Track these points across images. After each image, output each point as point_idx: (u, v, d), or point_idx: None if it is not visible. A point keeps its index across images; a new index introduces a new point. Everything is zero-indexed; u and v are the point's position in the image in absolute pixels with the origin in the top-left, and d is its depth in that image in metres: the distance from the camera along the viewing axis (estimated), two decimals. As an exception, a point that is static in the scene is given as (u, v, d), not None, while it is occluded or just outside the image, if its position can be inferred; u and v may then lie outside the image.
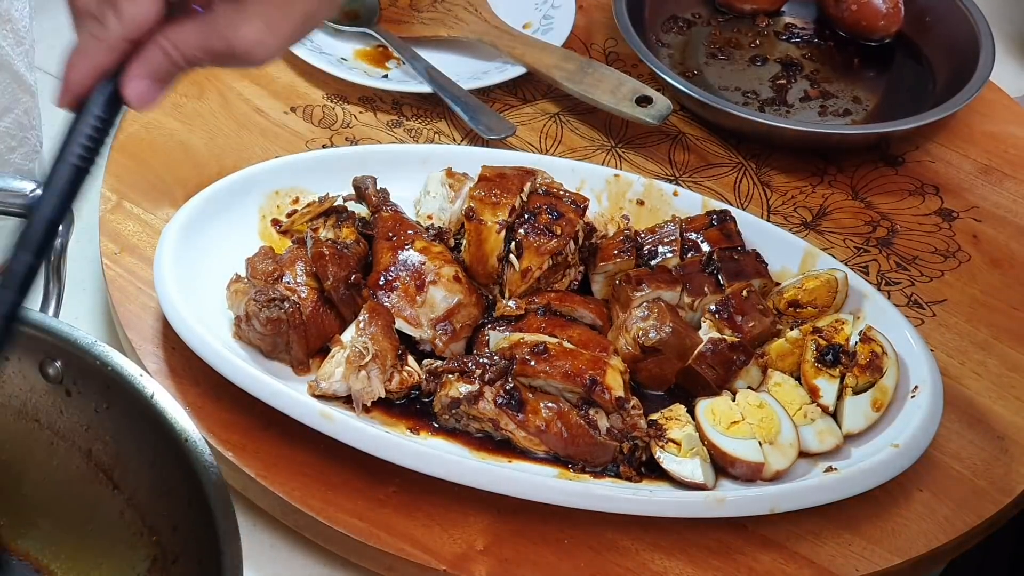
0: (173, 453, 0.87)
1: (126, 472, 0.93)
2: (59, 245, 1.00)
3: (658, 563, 1.06)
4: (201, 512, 0.84)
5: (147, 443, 0.90)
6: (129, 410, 0.90)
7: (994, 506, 1.12)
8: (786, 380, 1.14)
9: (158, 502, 0.91)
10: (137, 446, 0.91)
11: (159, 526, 0.91)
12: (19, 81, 1.19)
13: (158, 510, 0.91)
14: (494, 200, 1.20)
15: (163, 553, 0.91)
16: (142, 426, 0.90)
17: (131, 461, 0.92)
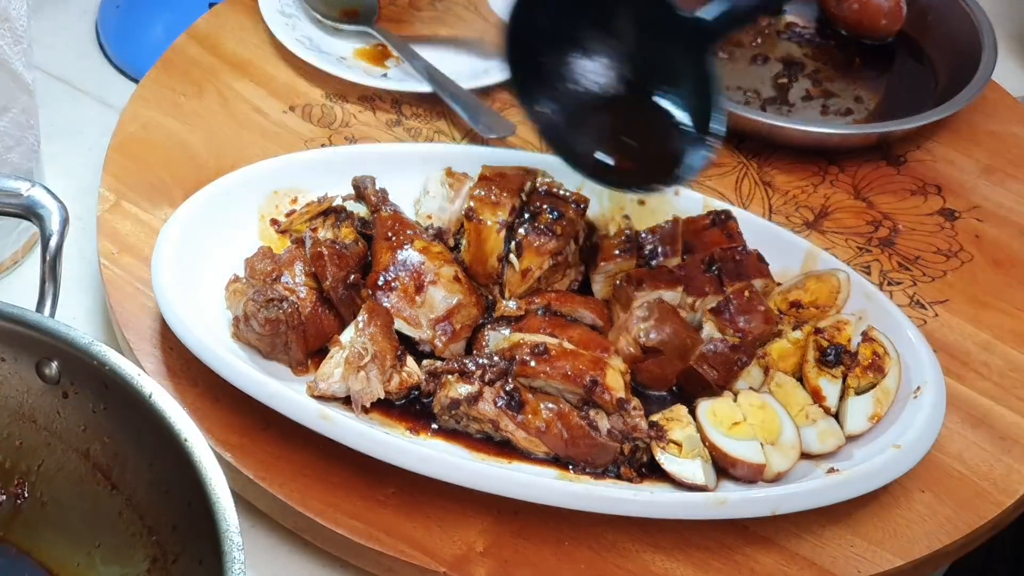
0: (172, 453, 0.87)
1: (124, 472, 0.92)
2: (55, 245, 1.00)
3: (659, 564, 1.05)
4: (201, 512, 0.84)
5: (146, 443, 0.90)
6: (127, 410, 0.90)
7: (996, 507, 1.11)
8: (788, 381, 1.14)
9: (157, 502, 0.91)
10: (135, 446, 0.91)
11: (158, 526, 0.91)
12: (17, 80, 1.19)
13: (157, 510, 0.91)
14: (494, 200, 1.19)
15: (163, 553, 0.91)
16: (140, 426, 0.89)
17: (129, 461, 0.92)
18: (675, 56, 1.13)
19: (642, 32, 1.14)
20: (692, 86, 1.13)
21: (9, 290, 1.26)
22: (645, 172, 1.15)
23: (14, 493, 0.96)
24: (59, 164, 1.37)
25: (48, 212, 1.01)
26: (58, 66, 1.51)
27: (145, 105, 1.39)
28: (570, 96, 1.16)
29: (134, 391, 0.89)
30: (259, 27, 1.49)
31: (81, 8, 1.59)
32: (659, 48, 1.14)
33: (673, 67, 1.14)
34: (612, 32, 1.15)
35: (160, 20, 1.54)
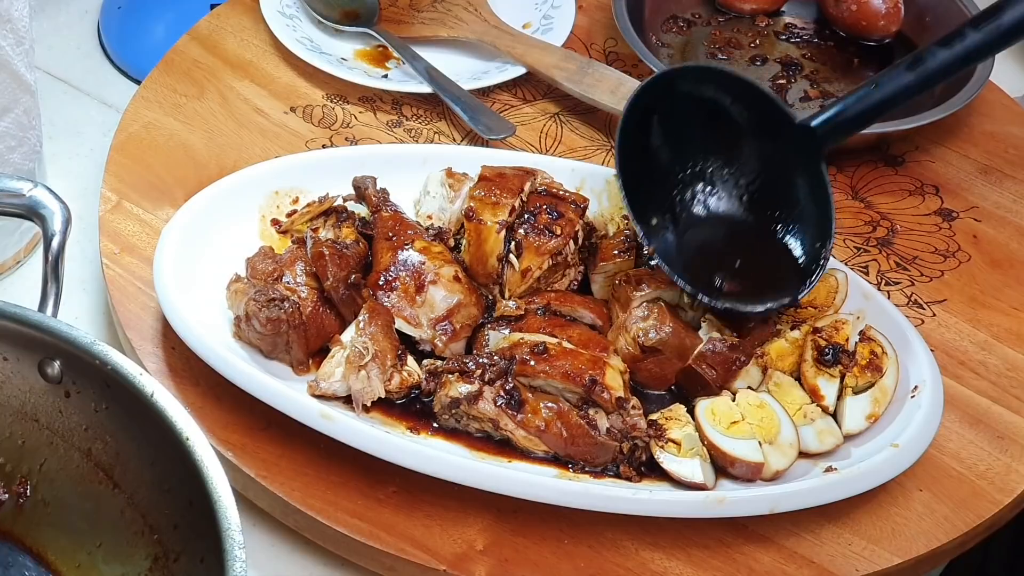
0: (173, 452, 0.87)
1: (126, 471, 0.93)
2: (57, 245, 1.00)
3: (658, 563, 1.06)
4: (202, 510, 0.84)
5: (147, 442, 0.90)
6: (129, 409, 0.90)
7: (994, 506, 1.12)
8: (786, 380, 1.14)
9: (159, 501, 0.91)
10: (137, 445, 0.91)
11: (160, 525, 0.91)
12: (19, 81, 1.19)
13: (159, 509, 0.91)
14: (494, 200, 1.20)
15: (164, 552, 0.91)
16: (142, 425, 0.89)
17: (131, 460, 0.92)
18: (789, 169, 1.13)
19: (754, 151, 1.14)
20: (808, 197, 1.12)
21: (11, 290, 1.26)
22: (759, 292, 1.13)
23: (16, 492, 0.97)
24: (61, 164, 1.38)
25: (50, 212, 1.01)
26: (60, 67, 1.51)
27: (146, 105, 1.39)
28: (683, 215, 1.14)
29: (136, 390, 0.89)
30: (260, 28, 1.49)
31: (83, 9, 1.59)
32: (771, 162, 1.13)
33: (788, 179, 1.13)
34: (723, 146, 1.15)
35: (161, 21, 1.55)
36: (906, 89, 1.11)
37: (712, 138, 1.15)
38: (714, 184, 1.15)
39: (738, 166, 1.15)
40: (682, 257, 1.14)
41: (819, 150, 1.12)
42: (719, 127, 1.15)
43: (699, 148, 1.15)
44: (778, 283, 1.13)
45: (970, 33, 1.08)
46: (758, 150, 1.15)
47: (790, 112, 1.13)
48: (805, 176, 1.13)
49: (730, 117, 1.15)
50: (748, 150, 1.15)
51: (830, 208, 1.12)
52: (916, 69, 1.09)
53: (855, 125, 1.13)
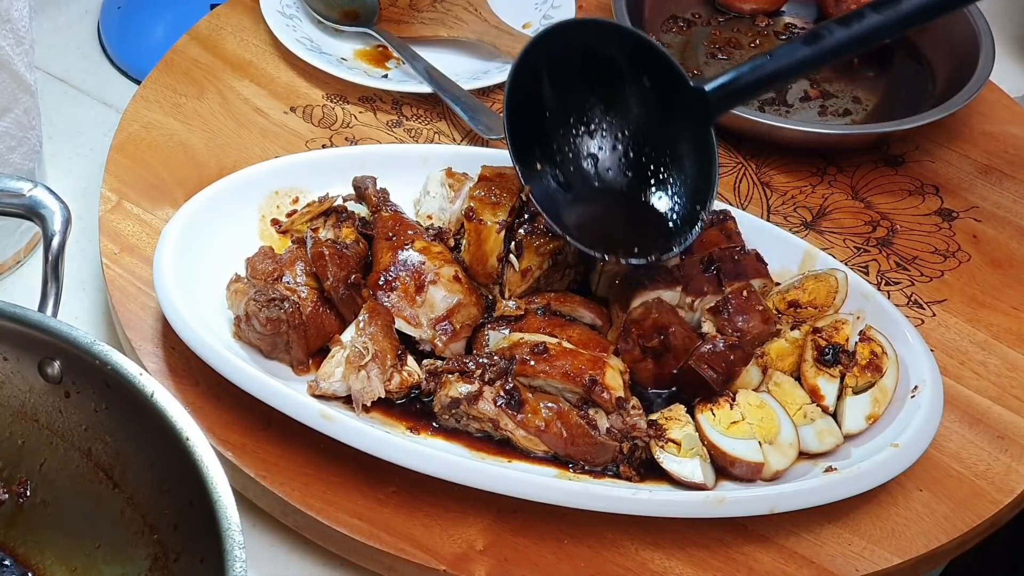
0: (173, 452, 0.87)
1: (126, 471, 0.93)
2: (57, 245, 1.00)
3: (658, 563, 1.06)
4: (202, 510, 0.84)
5: (147, 442, 0.90)
6: (129, 409, 0.90)
7: (994, 506, 1.12)
8: (786, 380, 1.14)
9: (159, 501, 0.91)
10: (137, 445, 0.91)
11: (160, 525, 0.91)
12: (19, 81, 1.19)
13: (159, 509, 0.91)
14: (494, 200, 1.20)
15: (164, 552, 0.91)
16: (142, 425, 0.89)
17: (131, 460, 0.92)
18: (677, 130, 1.14)
19: (644, 107, 1.15)
20: (692, 159, 1.14)
21: (11, 290, 1.26)
22: (635, 244, 1.14)
23: (16, 492, 0.97)
24: (61, 164, 1.38)
25: (50, 212, 1.01)
26: (60, 67, 1.51)
27: (146, 105, 1.39)
28: (566, 167, 1.16)
29: (136, 390, 0.89)
30: (260, 28, 1.49)
31: (82, 9, 1.59)
32: (660, 122, 1.15)
33: (673, 142, 1.15)
34: (614, 102, 1.16)
35: (161, 21, 1.55)
36: (801, 63, 1.12)
37: (606, 93, 1.16)
38: (603, 138, 1.16)
39: (628, 123, 1.17)
40: (561, 205, 1.15)
41: (710, 115, 1.14)
42: (614, 83, 1.16)
43: (592, 102, 1.16)
44: (653, 239, 1.15)
45: (869, 14, 1.09)
46: (650, 109, 1.16)
47: (685, 75, 1.14)
48: (694, 139, 1.15)
49: (625, 74, 1.15)
50: (640, 108, 1.16)
51: (714, 172, 1.14)
52: (813, 44, 1.10)
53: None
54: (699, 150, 1.14)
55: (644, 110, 1.16)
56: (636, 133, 1.16)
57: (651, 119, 1.16)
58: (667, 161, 1.15)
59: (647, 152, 1.16)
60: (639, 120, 1.16)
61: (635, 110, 1.16)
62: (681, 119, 1.14)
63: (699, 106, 1.13)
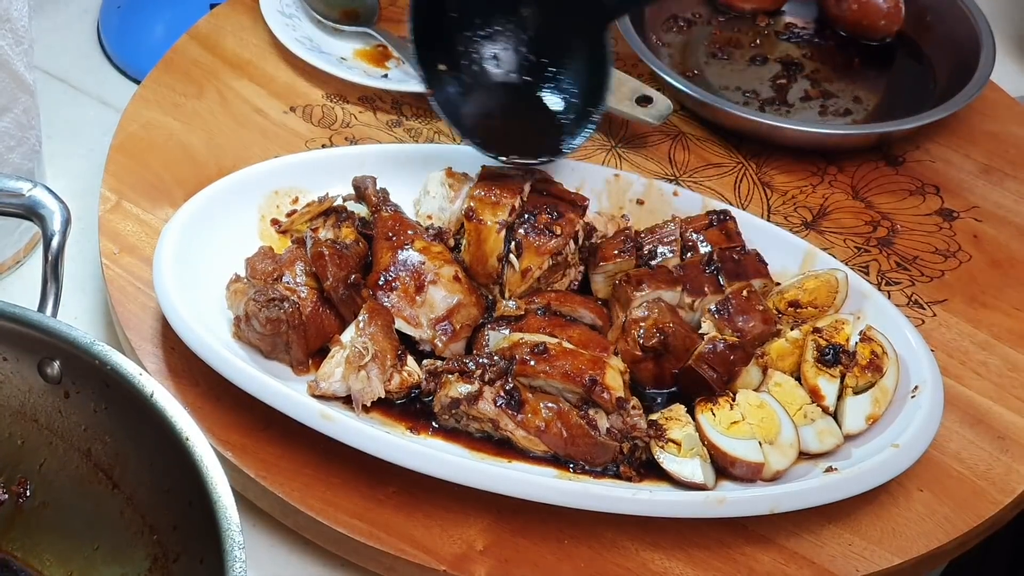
0: (173, 452, 0.87)
1: (126, 471, 0.92)
2: (57, 245, 1.00)
3: (658, 563, 1.05)
4: (202, 511, 0.84)
5: (147, 442, 0.90)
6: (128, 409, 0.90)
7: (994, 506, 1.12)
8: (786, 380, 1.14)
9: (158, 501, 0.91)
10: (136, 445, 0.91)
11: (159, 525, 0.91)
12: (18, 81, 1.19)
13: (158, 509, 0.91)
14: (494, 200, 1.20)
15: (164, 552, 0.91)
16: (141, 425, 0.89)
17: (131, 460, 0.92)
18: (574, 34, 1.18)
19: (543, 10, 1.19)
20: (587, 63, 1.18)
21: (11, 290, 1.26)
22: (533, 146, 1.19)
23: (16, 492, 0.97)
24: (60, 164, 1.38)
25: (50, 212, 1.01)
26: (59, 66, 1.51)
27: (146, 105, 1.39)
28: (468, 70, 1.20)
29: (135, 391, 0.89)
30: (260, 28, 1.49)
31: (82, 8, 1.59)
32: (559, 26, 1.19)
33: (570, 45, 1.19)
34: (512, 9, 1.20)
35: (161, 20, 1.55)
36: None
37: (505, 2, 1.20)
38: (504, 42, 1.20)
39: (529, 27, 1.20)
40: (462, 108, 1.20)
41: (606, 19, 1.18)
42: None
43: (491, 5, 1.20)
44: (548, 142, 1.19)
45: None
46: (550, 13, 1.19)
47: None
48: (588, 43, 1.19)
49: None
50: (540, 12, 1.20)
51: (607, 76, 1.19)
52: None
53: None
54: (596, 54, 1.18)
55: (544, 14, 1.19)
56: (536, 37, 1.20)
57: (551, 23, 1.19)
58: (565, 65, 1.20)
59: (546, 56, 1.20)
60: (539, 24, 1.20)
61: (536, 14, 1.19)
62: (580, 24, 1.18)
63: (597, 11, 1.17)
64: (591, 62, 1.19)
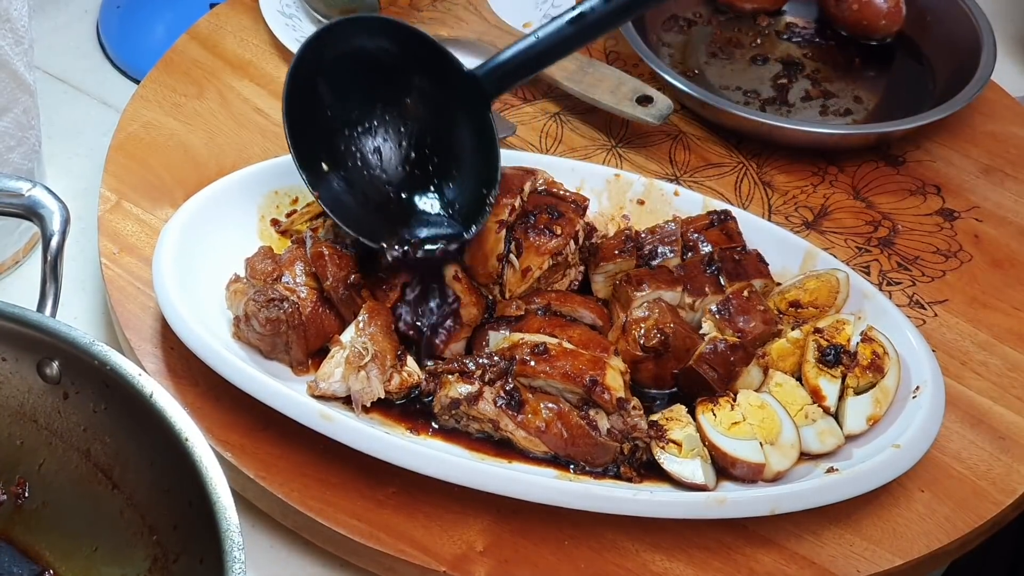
0: (173, 452, 0.87)
1: (126, 471, 0.92)
2: (56, 245, 1.00)
3: (658, 564, 1.05)
4: (202, 511, 0.84)
5: (146, 442, 0.90)
6: (128, 409, 0.90)
7: (995, 507, 1.11)
8: (787, 380, 1.14)
9: (158, 501, 0.91)
10: (136, 445, 0.91)
11: (159, 525, 0.91)
12: (18, 81, 1.19)
13: (158, 509, 0.91)
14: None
15: (164, 552, 0.91)
16: (141, 425, 0.89)
17: (130, 460, 0.92)
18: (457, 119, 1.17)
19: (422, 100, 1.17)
20: (475, 145, 1.16)
21: (10, 290, 1.26)
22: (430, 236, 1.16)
23: (15, 493, 0.97)
24: (60, 164, 1.38)
25: (49, 212, 1.01)
26: (59, 66, 1.51)
27: (146, 105, 1.39)
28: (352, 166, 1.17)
29: (135, 391, 0.89)
30: (260, 27, 1.49)
31: (82, 8, 1.59)
32: (440, 113, 1.17)
33: (454, 131, 1.17)
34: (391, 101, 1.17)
35: (161, 20, 1.54)
36: (566, 42, 1.16)
37: (383, 90, 1.18)
38: (385, 135, 1.18)
39: (408, 117, 1.19)
40: (351, 206, 1.16)
41: (486, 100, 1.16)
42: (390, 78, 1.17)
43: (371, 100, 1.18)
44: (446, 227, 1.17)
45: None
46: (428, 101, 1.18)
47: (458, 63, 1.16)
48: (473, 126, 1.17)
49: (400, 68, 1.17)
50: (418, 101, 1.18)
51: (495, 156, 1.16)
52: (576, 24, 1.14)
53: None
54: (480, 136, 1.17)
55: (422, 102, 1.18)
56: (417, 126, 1.18)
57: (430, 111, 1.18)
58: (450, 150, 1.18)
59: (429, 143, 1.18)
60: (418, 113, 1.18)
61: (413, 103, 1.18)
62: (460, 107, 1.17)
63: (475, 92, 1.15)
64: (478, 144, 1.17)
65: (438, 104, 1.17)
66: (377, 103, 1.17)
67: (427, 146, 1.18)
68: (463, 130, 1.17)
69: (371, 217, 1.16)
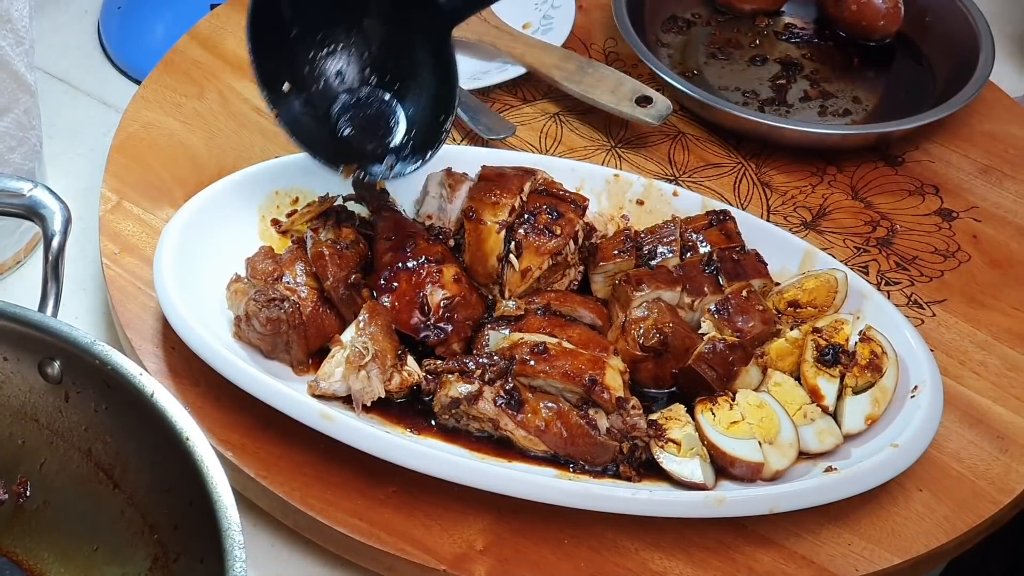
0: (173, 452, 0.87)
1: (126, 471, 0.93)
2: (57, 245, 1.00)
3: (658, 563, 1.06)
4: (202, 510, 0.84)
5: (147, 442, 0.90)
6: (129, 409, 0.90)
7: (994, 506, 1.12)
8: (786, 380, 1.14)
9: (159, 501, 0.91)
10: (137, 445, 0.91)
11: (160, 525, 0.91)
12: (19, 81, 1.19)
13: (159, 509, 0.91)
14: (494, 200, 1.20)
15: (164, 552, 0.91)
16: (142, 425, 0.90)
17: (131, 460, 0.92)
18: (417, 44, 1.16)
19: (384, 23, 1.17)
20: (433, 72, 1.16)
21: (11, 290, 1.26)
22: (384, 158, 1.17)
23: (16, 492, 0.97)
24: (61, 164, 1.38)
25: (50, 212, 1.01)
26: (59, 67, 1.51)
27: (146, 105, 1.39)
28: (313, 87, 1.17)
29: (136, 390, 0.89)
30: (260, 28, 1.49)
31: (82, 9, 1.59)
32: (402, 37, 1.16)
33: (415, 56, 1.16)
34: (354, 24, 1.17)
35: (161, 21, 1.55)
36: None
37: (348, 10, 1.17)
38: (348, 56, 1.18)
39: (371, 39, 1.18)
40: (310, 126, 1.17)
41: (447, 26, 1.15)
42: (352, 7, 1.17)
43: (333, 19, 1.17)
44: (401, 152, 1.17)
45: None
46: (391, 24, 1.17)
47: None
48: (432, 50, 1.16)
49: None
50: (382, 24, 1.17)
51: (454, 83, 1.16)
52: None
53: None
54: (440, 63, 1.16)
55: (386, 25, 1.17)
56: (379, 49, 1.18)
57: (393, 35, 1.17)
58: (410, 75, 1.17)
59: (391, 67, 1.18)
60: (382, 36, 1.17)
61: (378, 26, 1.17)
62: (421, 33, 1.15)
63: (437, 16, 1.15)
64: (438, 71, 1.17)
65: (399, 25, 1.16)
66: (340, 23, 1.17)
67: (388, 70, 1.18)
68: (424, 57, 1.17)
69: (331, 141, 1.17)
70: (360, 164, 1.16)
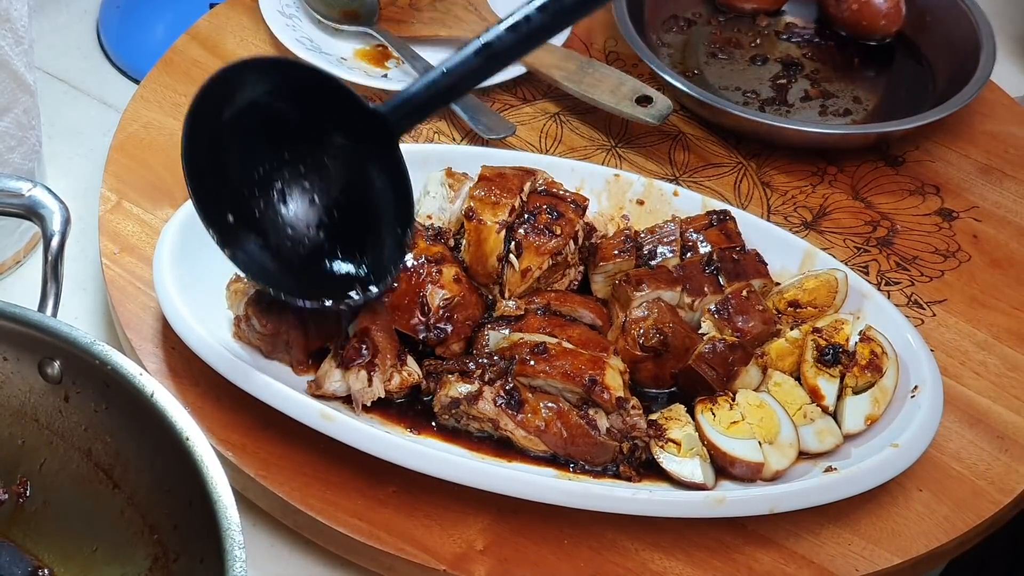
0: (173, 452, 0.87)
1: (126, 471, 0.93)
2: (57, 245, 1.00)
3: (658, 563, 1.06)
4: (202, 510, 0.84)
5: (147, 442, 0.90)
6: (129, 409, 0.90)
7: (994, 506, 1.12)
8: (786, 380, 1.14)
9: (159, 501, 0.91)
10: (137, 445, 0.91)
11: (160, 525, 0.91)
12: (18, 81, 1.19)
13: (159, 509, 0.91)
14: (494, 200, 1.20)
15: (164, 552, 0.91)
16: (142, 425, 0.90)
17: (131, 460, 0.92)
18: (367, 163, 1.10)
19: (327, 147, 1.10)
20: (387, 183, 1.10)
21: (11, 290, 1.26)
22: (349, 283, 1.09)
23: (16, 492, 0.97)
24: (60, 164, 1.38)
25: (50, 212, 1.01)
26: (59, 66, 1.51)
27: (146, 105, 1.39)
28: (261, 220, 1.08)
29: (136, 390, 0.89)
30: (260, 27, 1.49)
31: (82, 8, 1.59)
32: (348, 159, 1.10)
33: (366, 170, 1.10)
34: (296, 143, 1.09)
35: (161, 20, 1.55)
36: (474, 74, 1.09)
37: (286, 135, 1.09)
38: (294, 183, 1.10)
39: (316, 162, 1.11)
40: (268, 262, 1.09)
41: (394, 137, 1.09)
42: (291, 124, 1.09)
43: (274, 148, 1.09)
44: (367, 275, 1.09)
45: (536, 16, 1.06)
46: (333, 143, 1.10)
47: (362, 101, 1.08)
48: (383, 164, 1.10)
49: (302, 112, 1.09)
50: (324, 144, 1.10)
51: (409, 194, 1.10)
52: (483, 55, 1.07)
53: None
54: (391, 175, 1.10)
55: (329, 146, 1.10)
56: (326, 171, 1.10)
57: (337, 154, 1.10)
58: (363, 192, 1.10)
59: (341, 188, 1.11)
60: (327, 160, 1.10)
61: (320, 148, 1.10)
62: (367, 146, 1.09)
63: (382, 130, 1.08)
64: (391, 183, 1.09)
65: (345, 146, 1.10)
66: (282, 151, 1.09)
67: (339, 191, 1.11)
68: (374, 171, 1.10)
69: (289, 271, 1.09)
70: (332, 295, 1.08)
